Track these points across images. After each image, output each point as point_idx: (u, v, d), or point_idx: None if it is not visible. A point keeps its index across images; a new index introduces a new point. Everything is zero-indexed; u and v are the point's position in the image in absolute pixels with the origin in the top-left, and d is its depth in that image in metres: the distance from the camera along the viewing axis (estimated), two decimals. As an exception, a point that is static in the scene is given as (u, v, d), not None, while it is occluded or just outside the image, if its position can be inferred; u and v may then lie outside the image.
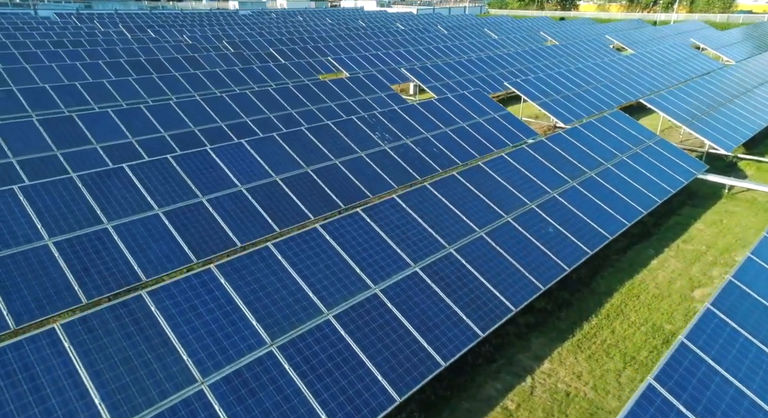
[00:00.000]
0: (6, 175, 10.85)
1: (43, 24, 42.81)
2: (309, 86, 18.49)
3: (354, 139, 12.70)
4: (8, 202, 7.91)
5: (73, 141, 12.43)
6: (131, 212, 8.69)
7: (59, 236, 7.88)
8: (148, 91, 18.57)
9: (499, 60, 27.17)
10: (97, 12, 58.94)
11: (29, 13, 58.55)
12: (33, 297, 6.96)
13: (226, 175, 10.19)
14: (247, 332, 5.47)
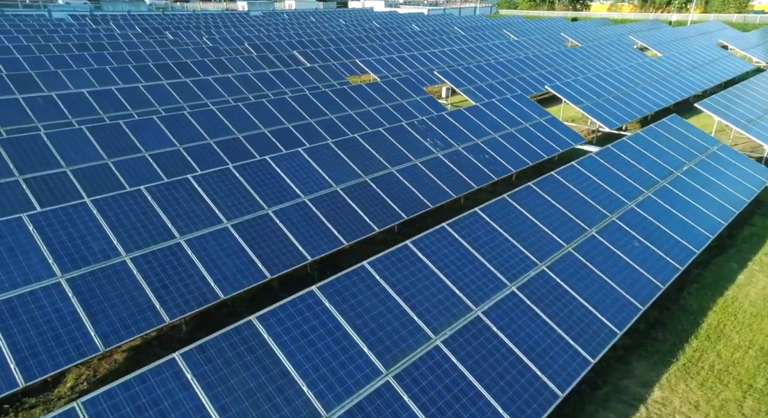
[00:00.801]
0: (62, 186, 10.66)
1: (60, 26, 42.77)
2: (346, 90, 18.24)
3: (407, 147, 12.41)
4: (82, 215, 7.69)
5: (122, 149, 12.23)
6: (201, 225, 8.45)
7: (135, 251, 7.65)
8: (184, 95, 18.38)
9: (529, 62, 26.80)
10: (110, 13, 58.95)
11: (43, 15, 58.62)
12: (118, 317, 6.73)
13: (288, 186, 9.93)
14: (360, 360, 5.20)
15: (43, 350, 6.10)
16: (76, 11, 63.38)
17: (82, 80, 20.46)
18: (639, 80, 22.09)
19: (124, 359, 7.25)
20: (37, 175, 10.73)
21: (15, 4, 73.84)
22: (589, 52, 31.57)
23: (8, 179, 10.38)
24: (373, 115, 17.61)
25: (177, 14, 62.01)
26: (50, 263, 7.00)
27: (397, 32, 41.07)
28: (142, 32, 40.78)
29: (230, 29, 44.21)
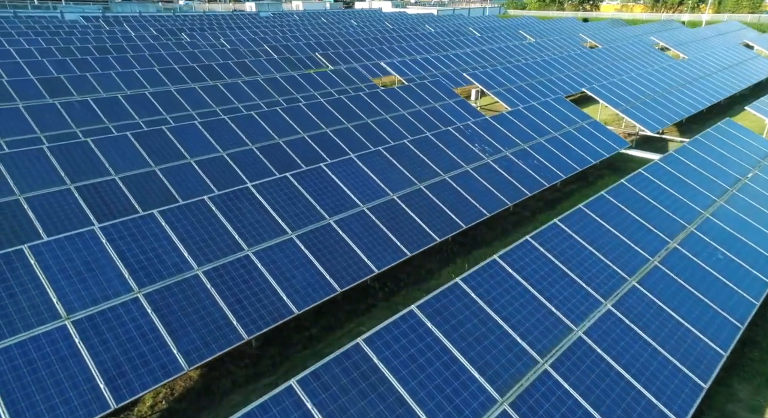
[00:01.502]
0: (113, 195, 10.48)
1: (75, 28, 42.72)
2: (379, 94, 18.01)
3: (456, 152, 12.16)
4: (152, 227, 7.49)
5: (167, 156, 12.05)
6: (267, 236, 8.23)
7: (206, 264, 7.44)
8: (215, 99, 18.20)
9: (555, 63, 26.47)
10: (122, 15, 58.95)
11: (56, 17, 58.66)
12: (197, 334, 6.52)
13: (346, 194, 9.71)
14: (473, 386, 4.96)
15: (129, 369, 5.89)
16: (87, 12, 63.46)
17: (111, 84, 20.32)
18: (672, 82, 21.73)
19: (199, 375, 7.04)
20: (87, 183, 10.56)
21: (24, 5, 74.09)
22: (612, 53, 31.19)
23: (61, 187, 10.21)
24: (408, 119, 17.36)
25: (188, 15, 61.90)
26: (126, 277, 6.80)
27: (412, 33, 40.77)
28: (157, 34, 40.69)
29: (244, 31, 44.09)
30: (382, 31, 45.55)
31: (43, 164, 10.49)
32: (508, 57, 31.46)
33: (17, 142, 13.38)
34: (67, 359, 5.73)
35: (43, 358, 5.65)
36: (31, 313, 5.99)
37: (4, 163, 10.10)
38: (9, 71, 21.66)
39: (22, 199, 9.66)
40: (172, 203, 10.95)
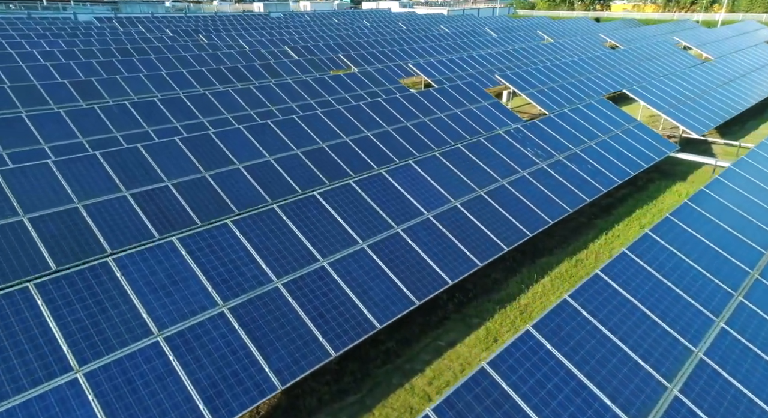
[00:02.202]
0: (168, 203, 10.25)
1: (91, 29, 42.57)
2: (415, 96, 17.74)
3: (511, 157, 11.87)
4: (227, 238, 7.25)
5: (216, 161, 11.82)
6: (339, 246, 7.98)
7: (285, 276, 7.19)
8: (249, 102, 17.98)
9: (583, 64, 26.11)
10: (134, 16, 58.93)
11: (69, 18, 58.69)
12: (286, 351, 6.28)
13: (409, 201, 9.44)
14: (607, 415, 4.69)
15: (225, 389, 5.66)
16: (99, 14, 63.48)
17: (141, 87, 20.15)
18: (707, 82, 21.34)
19: (282, 392, 6.80)
20: (142, 190, 10.34)
21: (35, 6, 74.24)
22: (637, 53, 30.79)
23: (117, 195, 10.00)
24: (446, 122, 17.08)
25: (199, 16, 61.76)
26: (209, 290, 6.57)
27: (428, 34, 40.39)
28: (174, 35, 40.56)
29: (260, 32, 43.92)
30: (398, 32, 45.22)
31: (98, 171, 10.29)
32: (532, 57, 31.11)
33: (61, 147, 13.21)
34: (165, 378, 5.50)
35: (141, 377, 5.42)
36: (123, 329, 5.77)
37: (61, 170, 9.91)
38: (38, 74, 21.54)
39: (81, 206, 9.46)
40: (227, 211, 10.72)
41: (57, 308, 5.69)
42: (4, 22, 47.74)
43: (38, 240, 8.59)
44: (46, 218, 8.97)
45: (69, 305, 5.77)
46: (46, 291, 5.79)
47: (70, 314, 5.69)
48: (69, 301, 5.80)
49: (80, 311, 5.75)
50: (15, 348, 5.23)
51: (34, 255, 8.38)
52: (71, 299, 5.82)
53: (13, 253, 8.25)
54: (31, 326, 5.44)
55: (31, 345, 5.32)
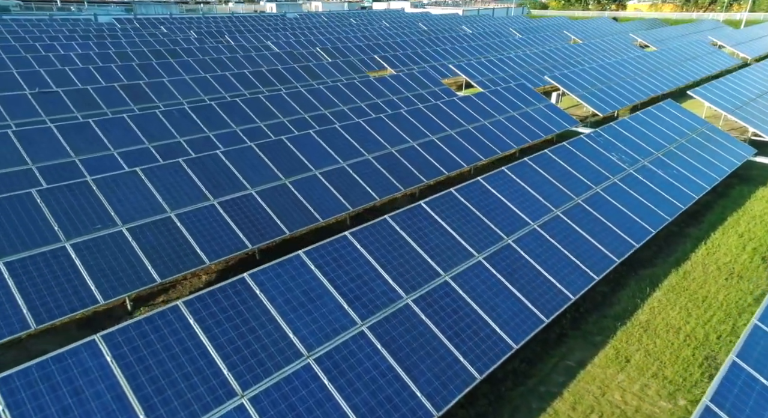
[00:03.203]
0: (254, 211, 10.00)
1: (115, 31, 42.51)
2: (472, 98, 17.41)
3: (598, 163, 11.47)
4: (350, 251, 6.96)
5: (293, 167, 11.55)
6: (457, 260, 7.65)
7: (413, 293, 6.85)
8: (302, 105, 17.73)
9: (627, 65, 25.61)
10: (152, 17, 59.00)
11: (89, 19, 58.82)
12: (432, 374, 5.95)
13: (511, 210, 9.10)
14: None
15: (383, 415, 5.37)
16: (112, 14, 63.62)
17: (188, 90, 19.98)
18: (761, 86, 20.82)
19: None
20: (228, 198, 10.10)
21: (49, 8, 74.60)
22: (675, 53, 30.23)
23: (206, 203, 9.76)
24: (504, 124, 16.72)
25: (217, 17, 61.72)
26: (345, 308, 6.28)
27: (451, 35, 39.88)
28: (200, 37, 40.43)
29: (284, 32, 43.76)
30: (421, 33, 44.81)
31: (183, 178, 10.05)
32: (568, 58, 30.66)
33: (130, 153, 13.01)
34: (324, 404, 5.21)
35: (302, 402, 5.14)
36: (275, 350, 5.50)
37: (149, 178, 9.68)
38: (82, 78, 21.44)
39: (174, 216, 9.22)
40: (312, 220, 10.42)
41: (209, 327, 5.43)
42: (28, 24, 47.96)
43: (139, 251, 8.36)
44: (144, 228, 8.74)
45: (218, 324, 5.51)
46: (195, 310, 5.53)
47: (222, 334, 5.42)
48: (218, 320, 5.54)
49: (230, 331, 5.49)
50: (179, 371, 4.97)
51: (137, 266, 8.15)
52: (220, 319, 5.56)
53: (118, 264, 8.02)
54: (189, 347, 5.18)
55: (193, 368, 5.06)
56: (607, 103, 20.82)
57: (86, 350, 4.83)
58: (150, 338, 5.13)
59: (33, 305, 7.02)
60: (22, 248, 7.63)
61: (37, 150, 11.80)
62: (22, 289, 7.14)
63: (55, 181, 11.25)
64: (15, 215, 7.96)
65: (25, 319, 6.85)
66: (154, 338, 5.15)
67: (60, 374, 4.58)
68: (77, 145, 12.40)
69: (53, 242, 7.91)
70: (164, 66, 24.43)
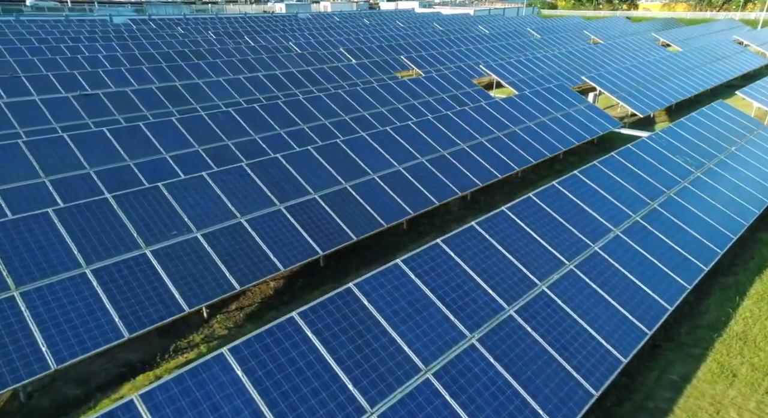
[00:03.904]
0: (320, 215, 9.83)
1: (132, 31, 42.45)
2: (514, 100, 17.18)
3: (666, 166, 11.20)
4: (445, 260, 6.77)
5: (352, 171, 11.36)
6: (549, 268, 7.45)
7: (514, 304, 6.66)
8: (341, 107, 17.57)
9: (658, 64, 25.24)
10: (166, 17, 59.07)
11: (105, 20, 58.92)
12: (549, 390, 5.75)
13: (592, 217, 8.84)
14: None
15: (511, 435, 5.18)
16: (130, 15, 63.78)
17: (224, 92, 19.87)
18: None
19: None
20: (294, 203, 9.94)
21: (59, 8, 74.85)
22: (703, 53, 29.82)
23: (273, 208, 9.60)
24: (551, 127, 16.45)
25: (230, 17, 61.68)
26: (452, 319, 6.07)
27: (469, 35, 39.51)
28: (221, 37, 40.39)
29: (303, 33, 43.64)
30: (437, 33, 44.43)
31: (248, 182, 9.90)
32: (596, 59, 30.31)
33: (181, 156, 12.87)
34: (451, 423, 5.04)
35: (430, 422, 4.97)
36: (393, 364, 5.31)
37: (216, 183, 9.53)
38: (116, 80, 21.38)
39: (244, 221, 9.07)
40: (376, 225, 10.19)
41: (326, 340, 5.25)
42: (46, 25, 48.14)
43: (216, 258, 8.21)
44: (218, 234, 8.59)
45: (335, 337, 5.33)
46: (311, 321, 5.36)
47: (340, 348, 5.24)
48: (333, 332, 5.36)
49: (348, 344, 5.31)
50: (307, 386, 4.80)
51: (216, 273, 8.00)
52: (335, 331, 5.38)
53: (197, 271, 7.88)
54: (311, 361, 5.01)
55: (319, 382, 4.88)
56: (646, 104, 20.51)
57: (217, 364, 4.67)
58: (274, 352, 4.96)
59: (123, 314, 6.88)
60: (105, 254, 7.50)
61: (93, 154, 11.69)
62: (110, 296, 7.01)
63: (114, 186, 11.13)
64: (95, 222, 7.83)
65: (117, 328, 6.71)
66: (278, 351, 4.98)
67: (198, 390, 4.42)
68: (130, 149, 12.29)
69: (134, 248, 7.78)
70: (193, 67, 24.36)
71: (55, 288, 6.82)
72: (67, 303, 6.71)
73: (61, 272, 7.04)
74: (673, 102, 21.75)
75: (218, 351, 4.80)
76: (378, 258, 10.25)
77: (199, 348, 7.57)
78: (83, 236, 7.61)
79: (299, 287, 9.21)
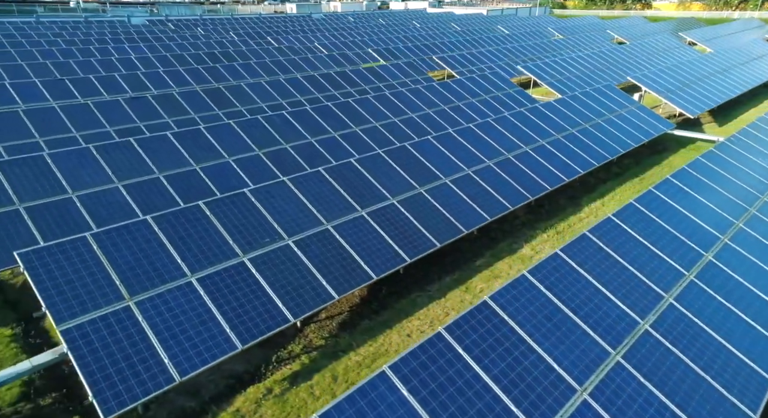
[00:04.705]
0: (402, 223, 9.59)
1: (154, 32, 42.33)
2: (567, 101, 16.89)
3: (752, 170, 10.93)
4: (569, 271, 6.52)
5: (424, 175, 11.12)
6: (671, 282, 7.21)
7: (646, 317, 6.43)
8: (391, 110, 17.32)
9: (699, 63, 24.88)
10: (183, 18, 59.03)
11: (123, 21, 58.96)
12: (706, 412, 5.52)
13: (657, 256, 8.61)
14: None
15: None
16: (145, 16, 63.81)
17: (265, 94, 19.71)
18: None
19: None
20: (374, 208, 9.71)
21: (73, 9, 75.11)
22: (739, 53, 29.35)
23: (355, 214, 9.37)
24: (608, 129, 16.12)
25: (245, 18, 61.54)
26: (593, 336, 5.84)
27: (490, 35, 39.08)
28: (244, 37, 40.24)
29: (323, 33, 43.46)
30: (457, 34, 43.98)
31: (328, 188, 9.68)
32: (629, 59, 29.88)
33: (244, 160, 12.69)
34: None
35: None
36: (547, 384, 5.07)
37: (298, 187, 9.33)
38: (155, 82, 21.28)
39: (331, 228, 8.87)
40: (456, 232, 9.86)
41: (478, 357, 5.01)
42: (68, 26, 48.28)
43: (311, 266, 8.00)
44: (308, 241, 8.38)
45: (484, 354, 5.10)
46: (458, 337, 5.13)
47: (493, 365, 5.01)
48: (482, 349, 5.13)
49: (499, 362, 5.06)
50: (471, 407, 4.56)
51: (313, 282, 7.79)
52: (483, 347, 5.15)
53: (295, 280, 7.67)
54: (469, 379, 4.78)
55: (482, 403, 4.65)
56: (694, 104, 20.15)
57: (382, 383, 4.45)
58: (431, 370, 4.74)
59: (233, 324, 6.69)
60: (207, 263, 7.31)
61: (160, 158, 11.54)
62: (218, 306, 6.81)
63: (183, 191, 10.95)
64: (192, 229, 7.65)
65: (230, 339, 6.52)
66: (435, 369, 4.76)
67: (371, 411, 4.20)
68: (194, 153, 12.13)
69: (232, 256, 7.58)
70: (228, 69, 24.24)
71: (166, 298, 6.63)
72: (180, 313, 6.52)
73: (169, 282, 6.86)
74: (719, 102, 21.35)
75: (380, 369, 4.57)
76: (458, 265, 10.00)
77: (301, 359, 7.36)
78: (183, 243, 7.42)
79: (384, 296, 8.98)
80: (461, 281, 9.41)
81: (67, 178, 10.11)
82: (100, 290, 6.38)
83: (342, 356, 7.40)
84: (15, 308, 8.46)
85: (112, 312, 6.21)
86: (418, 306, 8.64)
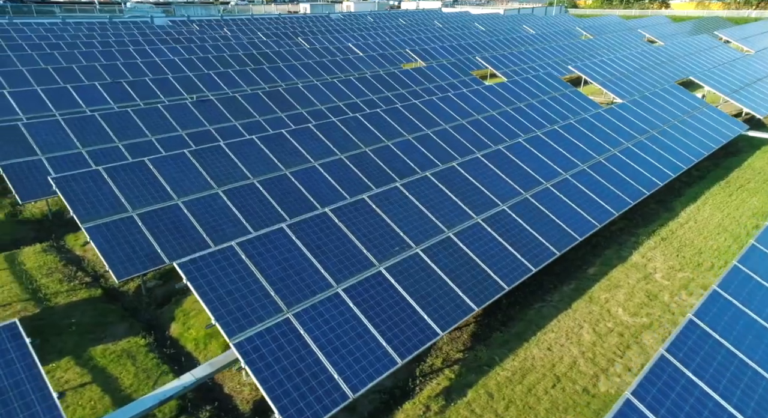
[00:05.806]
0: (513, 227, 9.29)
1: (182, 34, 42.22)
2: (640, 103, 16.50)
3: None
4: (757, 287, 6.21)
5: (525, 180, 10.79)
6: None
7: None
8: (458, 112, 17.01)
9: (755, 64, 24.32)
10: (205, 19, 59.08)
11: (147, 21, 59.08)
12: None
13: None
14: None
15: None
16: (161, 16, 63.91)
17: (322, 96, 19.48)
18: None
19: None
20: (488, 215, 9.42)
21: (89, 9, 75.48)
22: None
23: (471, 221, 9.07)
24: (687, 132, 15.62)
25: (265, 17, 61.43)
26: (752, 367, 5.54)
27: (519, 35, 38.54)
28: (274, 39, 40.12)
29: (350, 33, 43.25)
30: (486, 34, 43.42)
31: (439, 193, 9.37)
32: (675, 58, 29.32)
33: (328, 164, 12.43)
34: None
35: None
36: None
37: (411, 193, 9.06)
38: (209, 85, 21.12)
39: (452, 235, 8.58)
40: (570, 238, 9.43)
41: (710, 383, 4.72)
42: (95, 27, 48.48)
43: (445, 276, 7.71)
44: (434, 249, 8.07)
45: (708, 373, 4.80)
46: (682, 360, 4.83)
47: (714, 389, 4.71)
48: (710, 373, 4.84)
49: (720, 379, 4.77)
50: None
51: (451, 294, 7.48)
52: (711, 373, 4.86)
53: (434, 291, 7.37)
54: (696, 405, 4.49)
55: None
56: (759, 104, 19.64)
57: (632, 413, 4.16)
58: (670, 397, 4.44)
59: (388, 338, 6.42)
60: (347, 272, 7.05)
61: (251, 163, 11.32)
62: (369, 318, 6.55)
63: (278, 196, 10.68)
64: (326, 238, 7.40)
65: (388, 353, 6.25)
66: (675, 396, 4.47)
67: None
68: (282, 157, 11.90)
69: (369, 266, 7.31)
70: (276, 71, 24.10)
71: (320, 310, 6.39)
72: (336, 326, 6.28)
73: (318, 293, 6.61)
74: (780, 104, 20.83)
75: (625, 396, 4.27)
76: (570, 273, 9.67)
77: (445, 373, 7.07)
78: (321, 252, 7.18)
79: (506, 306, 8.68)
80: (581, 291, 9.08)
81: (170, 184, 9.90)
82: (259, 302, 6.15)
83: (488, 370, 7.10)
84: (135, 315, 8.29)
85: (275, 324, 5.98)
86: (547, 317, 8.32)
